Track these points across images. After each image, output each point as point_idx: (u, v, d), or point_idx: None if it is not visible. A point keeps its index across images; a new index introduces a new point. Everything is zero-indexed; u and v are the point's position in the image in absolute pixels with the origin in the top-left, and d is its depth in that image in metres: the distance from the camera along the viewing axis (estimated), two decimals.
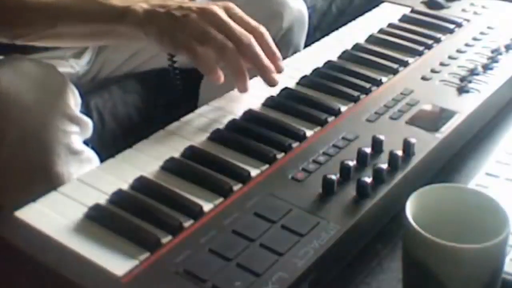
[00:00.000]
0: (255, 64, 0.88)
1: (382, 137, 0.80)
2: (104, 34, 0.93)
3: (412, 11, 1.18)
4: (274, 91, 0.92)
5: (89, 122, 0.96)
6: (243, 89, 0.89)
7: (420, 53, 1.04)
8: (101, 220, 0.68)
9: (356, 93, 0.92)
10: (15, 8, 0.90)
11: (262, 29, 0.91)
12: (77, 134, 0.92)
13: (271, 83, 0.89)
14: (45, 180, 0.87)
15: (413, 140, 0.79)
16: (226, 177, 0.75)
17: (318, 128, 0.85)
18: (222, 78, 0.88)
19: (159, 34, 0.88)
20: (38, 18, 0.91)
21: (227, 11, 0.90)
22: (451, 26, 1.12)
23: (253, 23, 0.91)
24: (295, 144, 0.81)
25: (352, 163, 0.76)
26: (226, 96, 0.93)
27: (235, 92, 0.93)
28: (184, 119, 0.87)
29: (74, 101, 0.93)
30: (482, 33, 1.10)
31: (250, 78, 0.91)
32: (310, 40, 1.18)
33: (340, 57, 1.03)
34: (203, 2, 0.93)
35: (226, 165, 0.77)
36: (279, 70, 0.91)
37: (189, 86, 1.25)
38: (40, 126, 0.87)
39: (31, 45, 0.96)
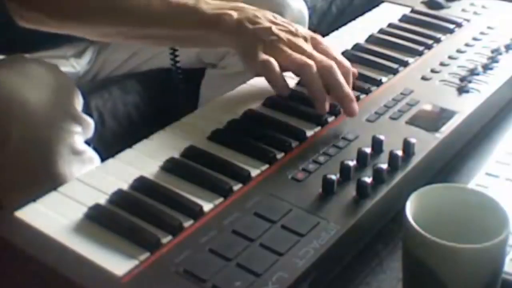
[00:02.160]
0: (336, 88, 0.85)
1: (382, 137, 0.80)
2: (192, 39, 0.93)
3: (412, 11, 1.18)
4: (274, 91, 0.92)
5: (91, 122, 0.96)
6: (323, 110, 0.86)
7: (420, 53, 1.04)
8: (101, 220, 0.68)
9: (356, 93, 0.92)
10: (104, 8, 0.90)
11: (347, 63, 0.89)
12: (79, 134, 0.93)
13: (351, 114, 0.85)
14: (47, 180, 0.87)
15: (413, 140, 0.79)
16: (226, 177, 0.75)
17: (318, 128, 0.85)
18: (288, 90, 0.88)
19: (243, 48, 0.89)
20: (129, 19, 0.91)
21: (314, 43, 0.90)
22: (451, 26, 1.12)
23: (339, 56, 0.90)
24: (295, 144, 0.81)
25: (352, 163, 0.76)
26: (226, 96, 0.93)
27: (235, 92, 0.93)
28: (184, 119, 0.87)
29: (77, 101, 0.94)
30: (482, 33, 1.10)
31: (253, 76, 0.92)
32: None
33: None
34: None
35: (226, 165, 0.77)
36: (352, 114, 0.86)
37: (189, 86, 1.25)
38: (43, 126, 0.87)
39: (31, 44, 0.96)
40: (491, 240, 0.58)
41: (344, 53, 1.03)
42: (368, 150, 0.78)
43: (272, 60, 0.85)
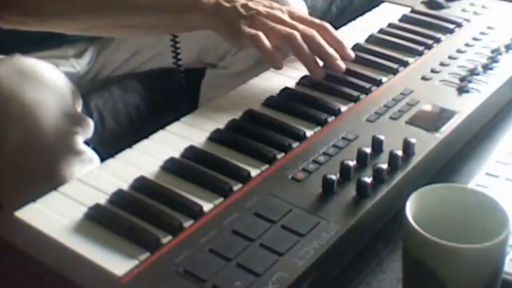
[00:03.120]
0: (320, 53, 0.93)
1: (382, 137, 0.80)
2: (172, 25, 0.97)
3: (412, 11, 1.18)
4: (274, 91, 0.92)
5: (90, 122, 0.96)
6: (319, 73, 0.94)
7: (420, 53, 1.04)
8: (101, 220, 0.68)
9: (356, 93, 0.92)
10: (85, 3, 0.93)
11: (326, 24, 0.96)
12: (79, 134, 0.92)
13: (338, 69, 0.94)
14: (47, 180, 0.87)
15: (413, 140, 0.79)
16: (226, 177, 0.75)
17: (318, 128, 0.85)
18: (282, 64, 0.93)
19: (225, 27, 0.92)
20: (110, 11, 0.94)
21: (291, 14, 0.95)
22: (451, 26, 1.12)
23: (317, 20, 0.96)
24: (295, 144, 0.81)
25: (352, 163, 0.76)
26: (226, 96, 0.93)
27: (235, 92, 0.93)
28: (184, 119, 0.87)
29: (76, 101, 0.94)
30: (482, 33, 1.10)
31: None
32: None
33: None
34: None
35: (226, 165, 0.77)
36: (348, 58, 0.97)
37: (189, 86, 1.25)
38: (42, 126, 0.87)
39: (31, 44, 0.96)
40: (491, 240, 0.58)
41: None
42: (368, 150, 0.78)
43: (261, 33, 0.89)
